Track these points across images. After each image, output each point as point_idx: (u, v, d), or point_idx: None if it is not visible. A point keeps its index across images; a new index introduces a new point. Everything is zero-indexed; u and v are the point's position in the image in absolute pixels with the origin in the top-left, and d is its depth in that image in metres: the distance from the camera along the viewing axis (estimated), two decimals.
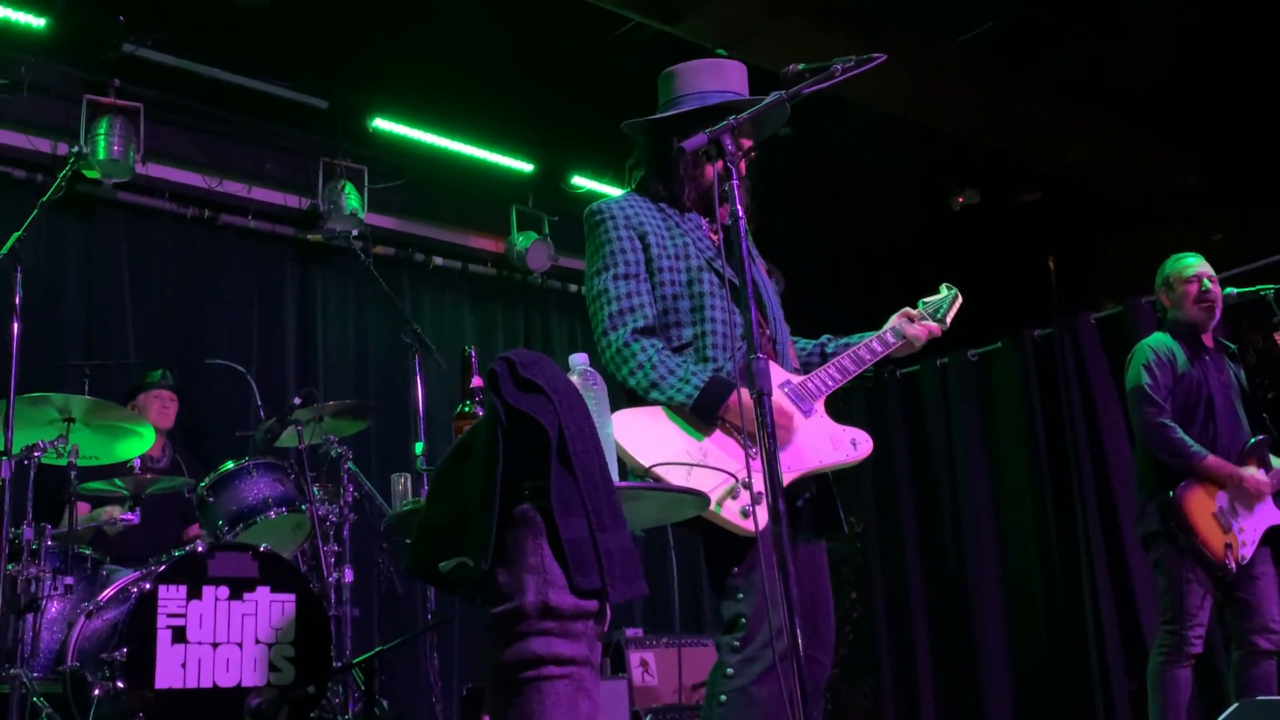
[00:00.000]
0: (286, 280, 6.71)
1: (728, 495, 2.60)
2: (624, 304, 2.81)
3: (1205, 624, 4.30)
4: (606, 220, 2.89)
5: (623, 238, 2.87)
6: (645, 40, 5.91)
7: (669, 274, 2.86)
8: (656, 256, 2.86)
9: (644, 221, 2.90)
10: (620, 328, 2.79)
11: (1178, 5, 5.94)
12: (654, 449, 2.62)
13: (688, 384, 2.70)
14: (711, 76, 2.98)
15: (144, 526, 4.71)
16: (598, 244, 2.89)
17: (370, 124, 6.60)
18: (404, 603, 5.99)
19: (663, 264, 2.86)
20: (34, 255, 5.27)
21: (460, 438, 2.20)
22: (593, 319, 2.87)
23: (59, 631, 4.29)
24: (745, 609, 2.64)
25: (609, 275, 2.84)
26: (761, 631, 2.59)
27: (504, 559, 1.98)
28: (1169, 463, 4.35)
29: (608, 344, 2.80)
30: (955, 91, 6.55)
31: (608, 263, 2.86)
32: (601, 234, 2.89)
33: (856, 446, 2.86)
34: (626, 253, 2.85)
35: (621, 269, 2.84)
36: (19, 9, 5.54)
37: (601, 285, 2.85)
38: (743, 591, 2.65)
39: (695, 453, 2.66)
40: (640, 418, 2.70)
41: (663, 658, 5.79)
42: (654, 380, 2.72)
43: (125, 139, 5.81)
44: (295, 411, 4.96)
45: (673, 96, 2.98)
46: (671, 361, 2.75)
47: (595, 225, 2.91)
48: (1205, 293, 4.50)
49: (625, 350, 2.76)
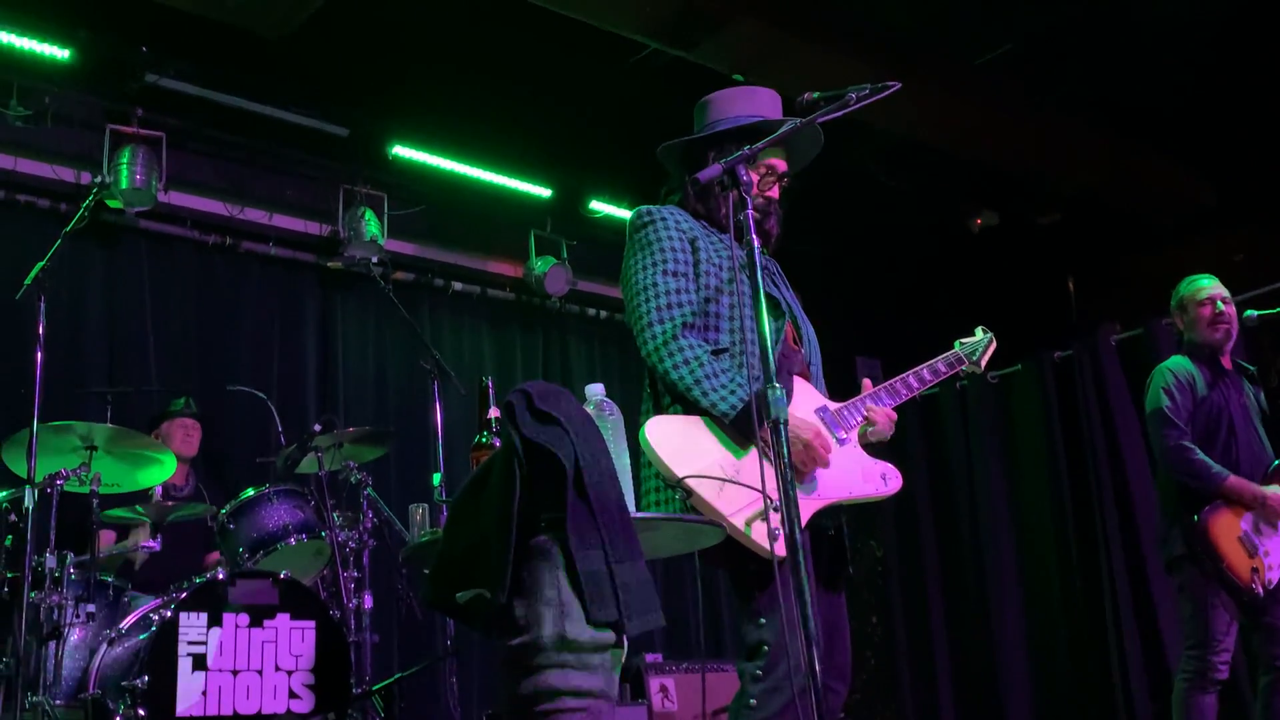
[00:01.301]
0: (307, 306, 6.74)
1: (758, 516, 2.56)
2: (672, 299, 2.79)
3: (1231, 649, 4.26)
4: (658, 221, 2.90)
5: (674, 237, 2.87)
6: (662, 66, 5.93)
7: (713, 279, 2.86)
8: (704, 260, 2.87)
9: (693, 227, 2.92)
10: (667, 321, 2.77)
11: (1194, 26, 5.93)
12: (688, 460, 2.59)
13: (733, 395, 2.67)
14: (744, 102, 3.02)
15: (165, 553, 4.73)
16: (646, 241, 2.88)
17: (390, 151, 6.65)
18: (424, 629, 5.99)
19: (709, 269, 2.86)
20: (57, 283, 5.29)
21: (477, 469, 2.21)
22: (634, 313, 2.84)
23: (81, 659, 4.30)
24: (768, 635, 2.62)
25: (658, 270, 2.83)
26: (783, 661, 2.58)
27: (521, 591, 1.98)
28: (1191, 485, 4.31)
29: (652, 336, 2.76)
30: (973, 114, 6.56)
31: (657, 259, 2.85)
32: (651, 232, 2.89)
33: (887, 481, 2.84)
34: (676, 251, 2.86)
35: (671, 265, 2.83)
36: (44, 41, 5.61)
37: (649, 279, 2.82)
38: (765, 617, 2.63)
39: (730, 468, 2.62)
40: (678, 425, 2.68)
41: (683, 683, 5.76)
42: (699, 378, 2.69)
43: (147, 168, 5.87)
44: (315, 438, 4.97)
45: (706, 123, 3.03)
46: (718, 365, 2.73)
47: (645, 225, 2.91)
48: (1219, 315, 4.47)
49: (672, 343, 2.74)
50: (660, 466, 2.58)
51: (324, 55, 5.93)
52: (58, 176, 5.96)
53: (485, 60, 6.04)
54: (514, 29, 5.78)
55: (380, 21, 5.72)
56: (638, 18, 5.51)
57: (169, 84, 5.96)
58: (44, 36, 5.61)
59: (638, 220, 2.94)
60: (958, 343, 3.24)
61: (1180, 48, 6.10)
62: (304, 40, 5.63)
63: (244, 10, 5.37)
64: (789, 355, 2.89)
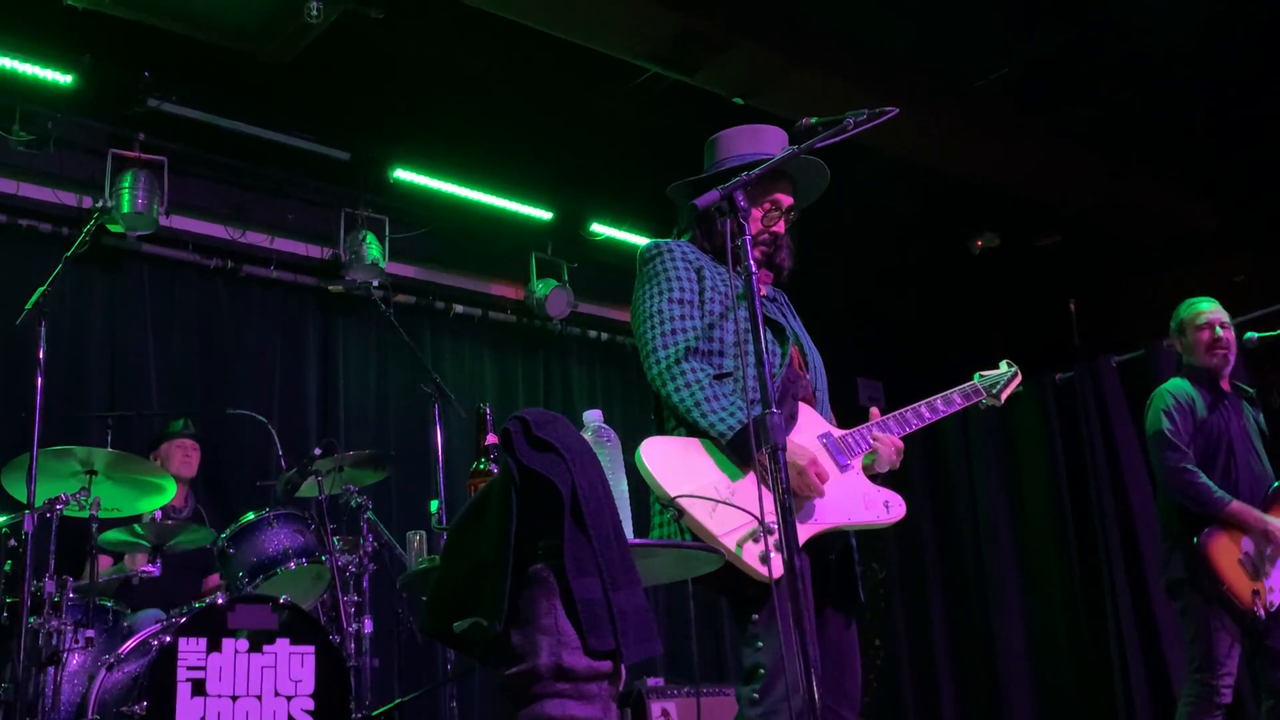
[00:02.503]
0: (308, 330, 6.75)
1: (749, 538, 2.57)
2: (677, 325, 2.87)
3: (1234, 673, 4.24)
4: (665, 254, 2.98)
5: (680, 268, 2.95)
6: (662, 90, 5.95)
7: (718, 306, 2.92)
8: (709, 289, 2.93)
9: (700, 259, 2.99)
10: (672, 346, 2.83)
11: (1194, 50, 5.95)
12: (683, 480, 2.62)
13: (731, 416, 2.71)
14: (750, 140, 3.09)
15: (165, 578, 4.71)
16: (654, 272, 2.96)
17: (391, 174, 6.67)
18: (424, 654, 5.96)
19: (714, 298, 2.92)
20: (59, 308, 5.32)
21: (474, 497, 2.21)
22: (641, 339, 2.92)
23: (80, 684, 4.28)
24: (764, 659, 2.62)
25: (664, 299, 2.90)
26: (781, 683, 2.57)
27: (517, 620, 1.97)
28: (1192, 508, 4.30)
29: (657, 360, 2.84)
30: (973, 136, 6.57)
31: (663, 288, 2.92)
32: (659, 265, 2.97)
33: (889, 509, 2.84)
34: (683, 280, 2.93)
35: (677, 294, 2.91)
36: (47, 66, 5.64)
37: (656, 307, 2.90)
38: (762, 640, 2.63)
39: (724, 489, 2.64)
40: (674, 447, 2.72)
41: (684, 707, 5.74)
42: (698, 400, 2.75)
43: (149, 192, 5.88)
44: (315, 461, 4.96)
45: (714, 161, 3.10)
46: (720, 388, 2.78)
47: (654, 257, 2.99)
48: (1217, 340, 4.47)
49: (675, 368, 2.80)
50: (653, 485, 2.61)
51: (325, 79, 5.95)
52: (60, 201, 5.97)
53: (486, 84, 6.06)
54: (515, 53, 5.80)
55: (381, 46, 5.75)
56: (637, 43, 5.53)
57: (171, 109, 5.97)
58: (47, 62, 5.63)
59: (646, 254, 3.01)
60: (978, 375, 3.24)
61: (1181, 71, 6.12)
62: (305, 64, 5.66)
63: (246, 35, 5.40)
64: (794, 380, 2.92)
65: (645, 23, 5.41)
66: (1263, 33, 5.81)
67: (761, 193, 3.01)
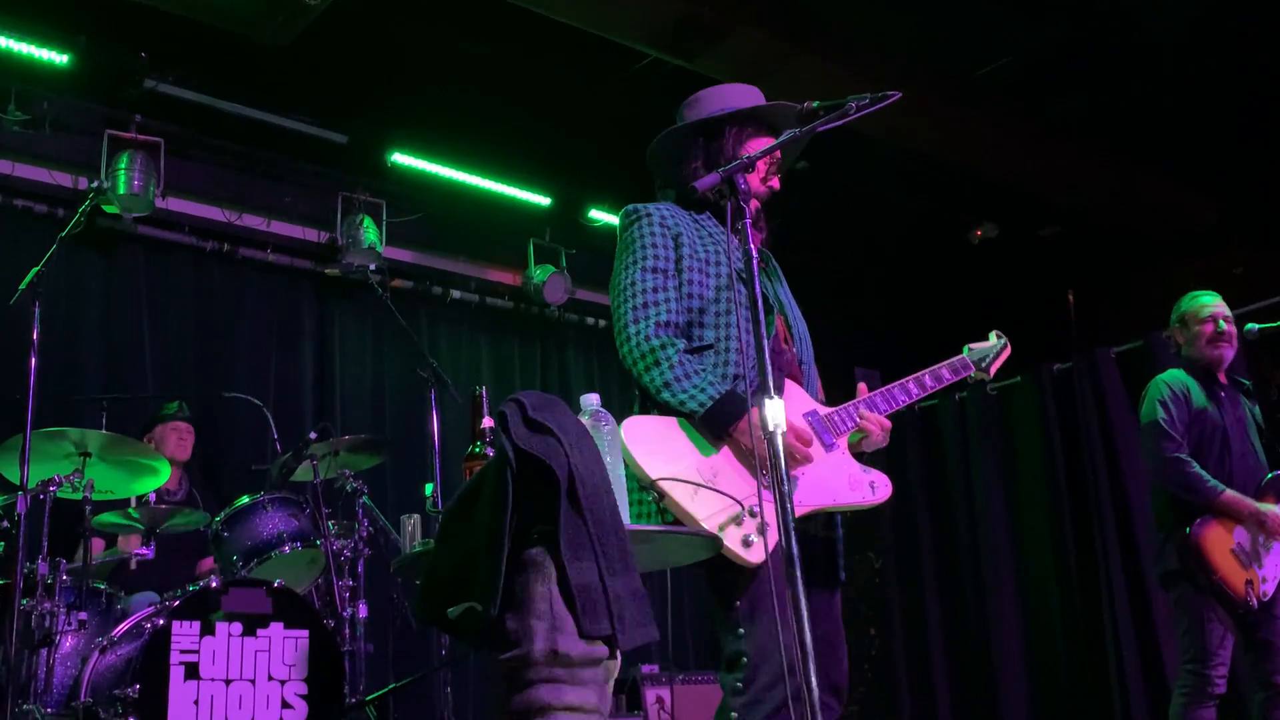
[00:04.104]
0: (304, 314, 6.73)
1: (731, 522, 2.52)
2: (649, 297, 2.76)
3: (1228, 663, 4.23)
4: (643, 218, 2.86)
5: (656, 234, 2.84)
6: (662, 76, 5.93)
7: (698, 275, 2.81)
8: (687, 257, 2.82)
9: (679, 224, 2.87)
10: (643, 320, 2.73)
11: (1195, 41, 5.93)
12: (663, 462, 2.55)
13: (702, 393, 2.63)
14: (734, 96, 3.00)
15: (158, 560, 4.70)
16: (630, 240, 2.86)
17: (389, 158, 6.64)
18: (419, 639, 5.96)
19: (693, 265, 2.82)
20: (54, 289, 5.29)
21: (469, 480, 2.19)
22: (615, 312, 2.81)
23: (73, 667, 4.27)
24: (746, 646, 2.57)
25: (638, 268, 2.80)
26: (764, 672, 2.53)
27: (512, 604, 1.95)
28: (1185, 499, 4.29)
29: (628, 337, 2.73)
30: (974, 127, 6.55)
31: (637, 256, 2.82)
32: (635, 231, 2.86)
33: (875, 490, 2.77)
34: (658, 248, 2.82)
35: (650, 262, 2.80)
36: (42, 46, 5.60)
37: (630, 278, 2.80)
38: (744, 627, 2.58)
39: (705, 471, 2.57)
40: (654, 427, 2.63)
41: (680, 695, 5.74)
42: (668, 380, 2.65)
43: (145, 174, 5.86)
44: (311, 446, 4.95)
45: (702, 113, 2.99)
46: (691, 365, 2.68)
47: (631, 223, 2.88)
48: (1221, 334, 4.45)
49: (645, 345, 2.70)
50: (634, 467, 2.53)
51: (323, 62, 5.92)
52: (55, 182, 5.95)
53: (485, 68, 6.03)
54: (514, 37, 5.78)
55: (380, 29, 5.72)
56: (638, 27, 5.52)
57: (168, 90, 5.95)
58: (43, 42, 5.60)
59: (624, 219, 2.91)
60: (966, 348, 3.16)
61: (1180, 63, 6.10)
62: (303, 47, 5.62)
63: (243, 17, 5.36)
64: (779, 353, 2.83)
65: (646, 8, 5.39)
66: (1262, 24, 5.79)
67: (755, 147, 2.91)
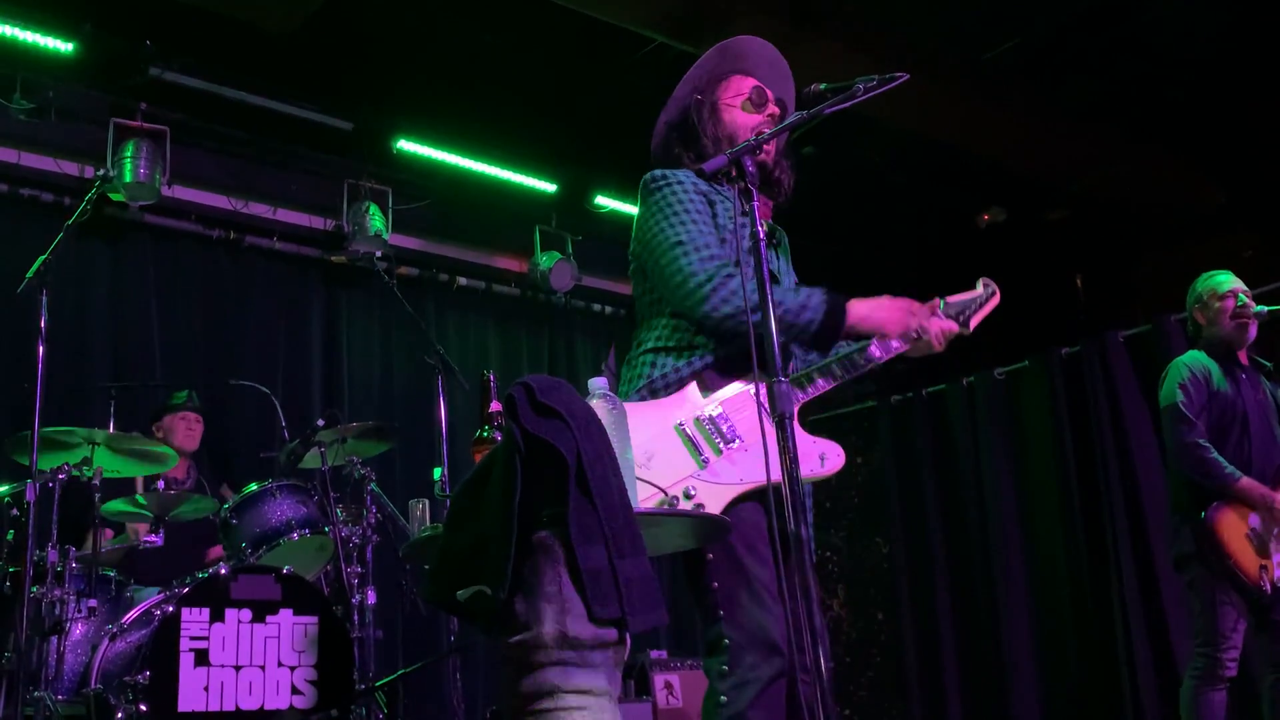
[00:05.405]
0: (311, 301, 6.73)
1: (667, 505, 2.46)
2: (702, 240, 2.68)
3: (1239, 647, 4.23)
4: (675, 183, 2.78)
5: (692, 196, 2.76)
6: (668, 61, 5.89)
7: (730, 235, 2.73)
8: (721, 214, 2.77)
9: (709, 189, 2.80)
10: (711, 265, 2.64)
11: (1203, 23, 5.89)
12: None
13: (806, 310, 2.62)
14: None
15: (167, 548, 4.70)
16: (664, 202, 2.75)
17: (395, 145, 6.62)
18: (428, 624, 5.97)
19: (726, 224, 2.75)
20: (61, 278, 5.29)
21: (478, 464, 2.18)
22: (670, 269, 2.68)
23: (83, 654, 4.29)
24: (726, 629, 2.54)
25: (686, 225, 2.71)
26: (748, 652, 2.51)
27: (522, 588, 1.95)
28: (1202, 483, 4.28)
29: (698, 285, 2.62)
30: (981, 110, 6.53)
31: (681, 215, 2.72)
32: (669, 193, 2.77)
33: (825, 461, 2.64)
34: (695, 204, 2.75)
35: (693, 214, 2.72)
36: (47, 34, 5.59)
37: (679, 235, 2.69)
38: (722, 609, 2.55)
39: (640, 457, 2.48)
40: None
41: (688, 680, 5.74)
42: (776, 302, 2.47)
43: (151, 162, 5.85)
44: (319, 433, 4.95)
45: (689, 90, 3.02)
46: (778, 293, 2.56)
47: (660, 187, 2.78)
48: (1242, 308, 4.42)
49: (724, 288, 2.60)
50: None
51: (329, 49, 5.91)
52: (61, 170, 5.95)
53: (491, 54, 6.01)
54: (520, 23, 5.75)
55: (385, 15, 5.70)
56: (645, 12, 5.49)
57: (173, 78, 5.94)
58: (48, 30, 5.59)
59: (653, 183, 2.81)
60: (943, 301, 2.93)
61: (1190, 45, 6.07)
62: (309, 34, 5.61)
63: (249, 4, 5.35)
64: None
65: None
66: (1271, 6, 5.75)
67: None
